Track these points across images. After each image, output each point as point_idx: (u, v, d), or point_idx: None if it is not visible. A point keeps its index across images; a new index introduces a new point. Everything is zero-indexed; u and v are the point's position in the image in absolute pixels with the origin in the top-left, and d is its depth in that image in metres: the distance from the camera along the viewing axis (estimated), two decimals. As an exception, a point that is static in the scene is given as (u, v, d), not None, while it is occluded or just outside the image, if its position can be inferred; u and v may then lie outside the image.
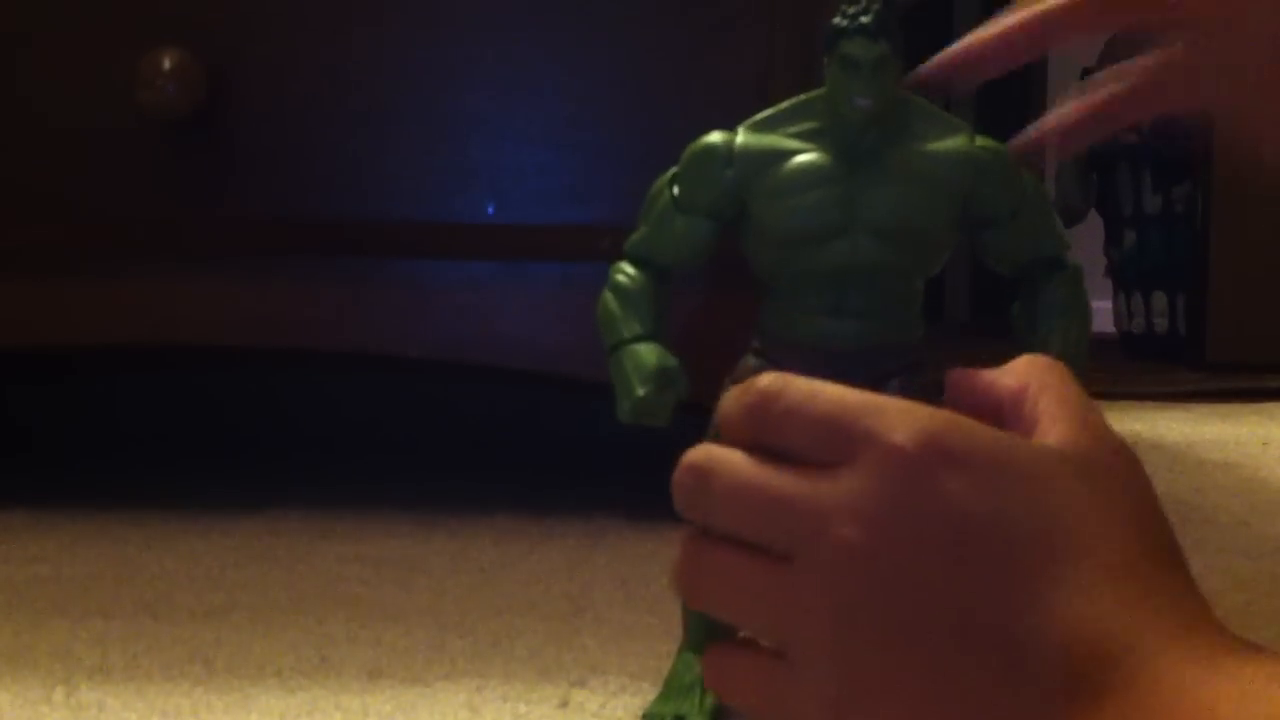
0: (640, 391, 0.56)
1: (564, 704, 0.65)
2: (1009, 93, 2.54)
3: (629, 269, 0.58)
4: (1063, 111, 0.60)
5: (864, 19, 0.52)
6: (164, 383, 1.49)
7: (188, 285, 1.03)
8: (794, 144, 0.55)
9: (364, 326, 1.03)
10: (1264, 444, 1.51)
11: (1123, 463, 0.46)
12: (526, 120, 1.01)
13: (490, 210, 1.01)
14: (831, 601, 0.45)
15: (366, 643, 0.75)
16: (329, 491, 1.16)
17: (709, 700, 0.61)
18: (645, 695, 0.65)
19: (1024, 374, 0.48)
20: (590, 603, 0.83)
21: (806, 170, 0.55)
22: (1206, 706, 0.40)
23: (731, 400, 0.48)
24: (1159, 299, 2.56)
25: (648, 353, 0.56)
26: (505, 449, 1.43)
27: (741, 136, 0.56)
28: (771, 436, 0.47)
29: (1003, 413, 0.48)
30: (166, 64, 0.98)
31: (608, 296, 0.58)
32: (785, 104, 0.56)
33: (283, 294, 1.03)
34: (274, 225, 1.02)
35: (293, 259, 1.03)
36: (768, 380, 0.47)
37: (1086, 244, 2.79)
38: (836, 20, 0.53)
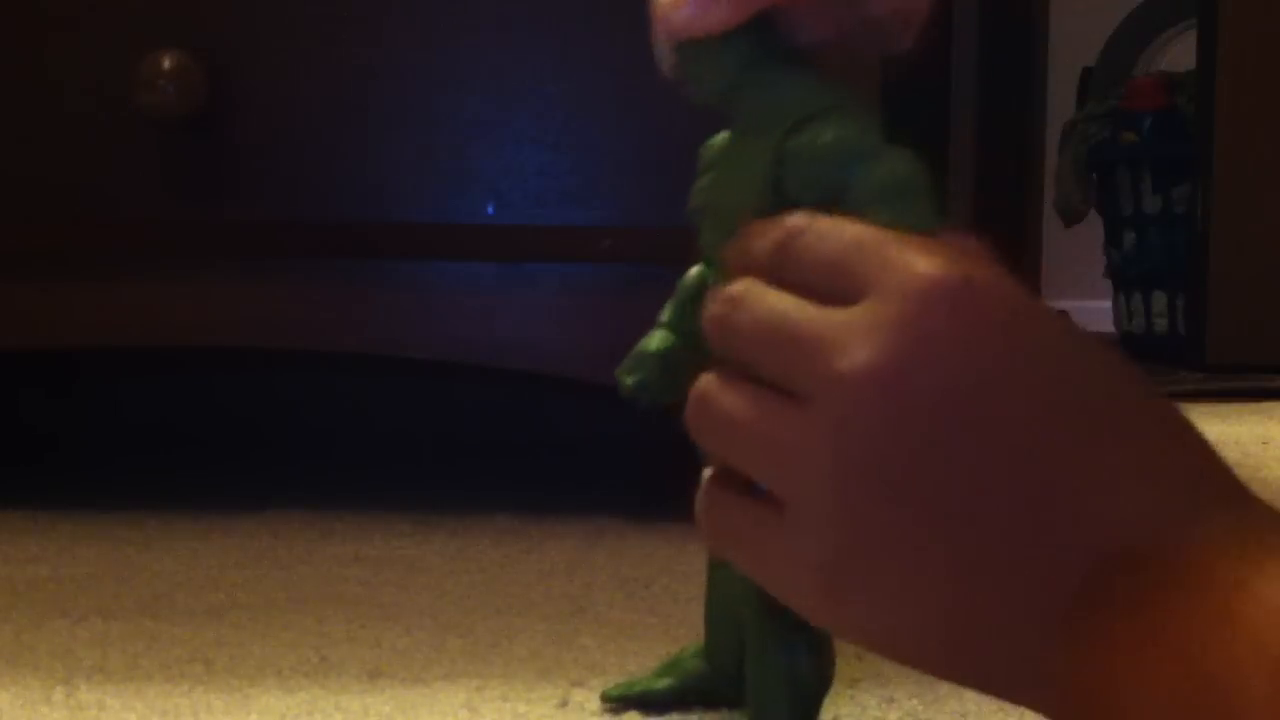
0: (628, 380, 0.56)
1: (563, 704, 0.65)
2: (1010, 93, 2.54)
3: (694, 266, 0.58)
4: None
5: None
6: (164, 383, 1.49)
7: (187, 287, 1.03)
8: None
9: (364, 328, 1.03)
10: (1264, 443, 1.51)
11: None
12: (527, 121, 1.01)
13: (490, 211, 1.01)
14: (835, 443, 0.41)
15: (366, 643, 0.75)
16: (329, 491, 1.16)
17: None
18: (645, 695, 0.65)
19: None
20: (590, 603, 0.83)
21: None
22: (1267, 606, 0.36)
23: (754, 237, 0.46)
24: (1159, 299, 2.57)
25: (651, 338, 0.57)
26: (505, 449, 1.43)
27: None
28: (793, 272, 0.44)
29: None
30: (166, 65, 0.98)
31: None
32: None
33: (282, 295, 1.03)
34: (274, 227, 1.02)
35: (293, 260, 1.03)
36: (793, 217, 0.45)
37: (1086, 244, 2.79)
38: None
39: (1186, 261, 2.40)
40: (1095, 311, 2.81)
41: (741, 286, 0.45)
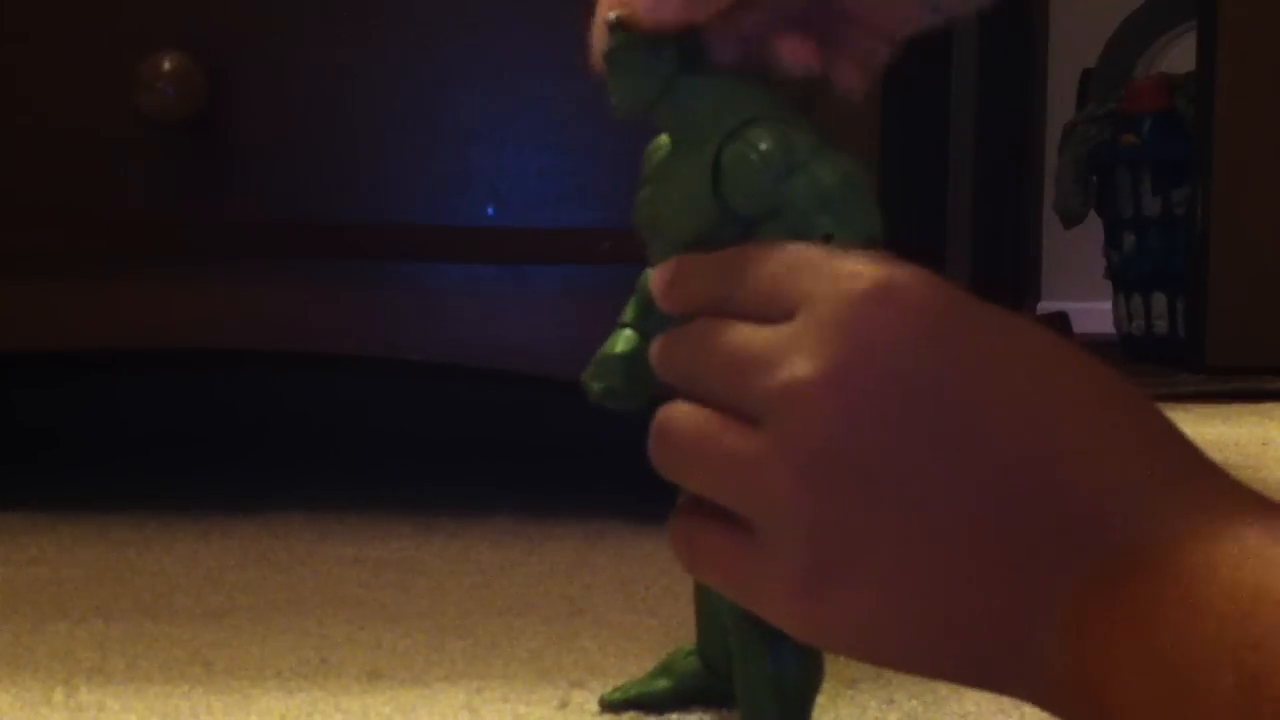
0: (595, 386, 0.56)
1: (563, 705, 0.65)
2: (1009, 92, 2.54)
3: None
4: None
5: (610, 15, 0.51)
6: (164, 384, 1.49)
7: (188, 289, 1.03)
8: None
9: (364, 329, 1.03)
10: (1264, 444, 1.51)
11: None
12: (527, 123, 1.01)
13: (490, 213, 1.01)
14: (792, 455, 0.42)
15: (366, 644, 0.75)
16: (329, 492, 1.16)
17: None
18: (645, 697, 0.65)
19: None
20: (590, 604, 0.83)
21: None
22: (1205, 566, 0.37)
23: (692, 275, 0.48)
24: (1159, 301, 2.57)
25: (615, 340, 0.56)
26: (505, 450, 1.43)
27: None
28: (736, 305, 0.45)
29: None
30: (167, 67, 0.98)
31: None
32: None
33: (283, 297, 1.03)
34: (274, 228, 1.02)
35: (293, 262, 1.03)
36: (728, 251, 0.47)
37: (1086, 245, 2.80)
38: None
39: (1186, 263, 2.40)
40: (1095, 313, 2.81)
41: (695, 324, 0.46)
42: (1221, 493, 0.40)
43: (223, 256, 1.03)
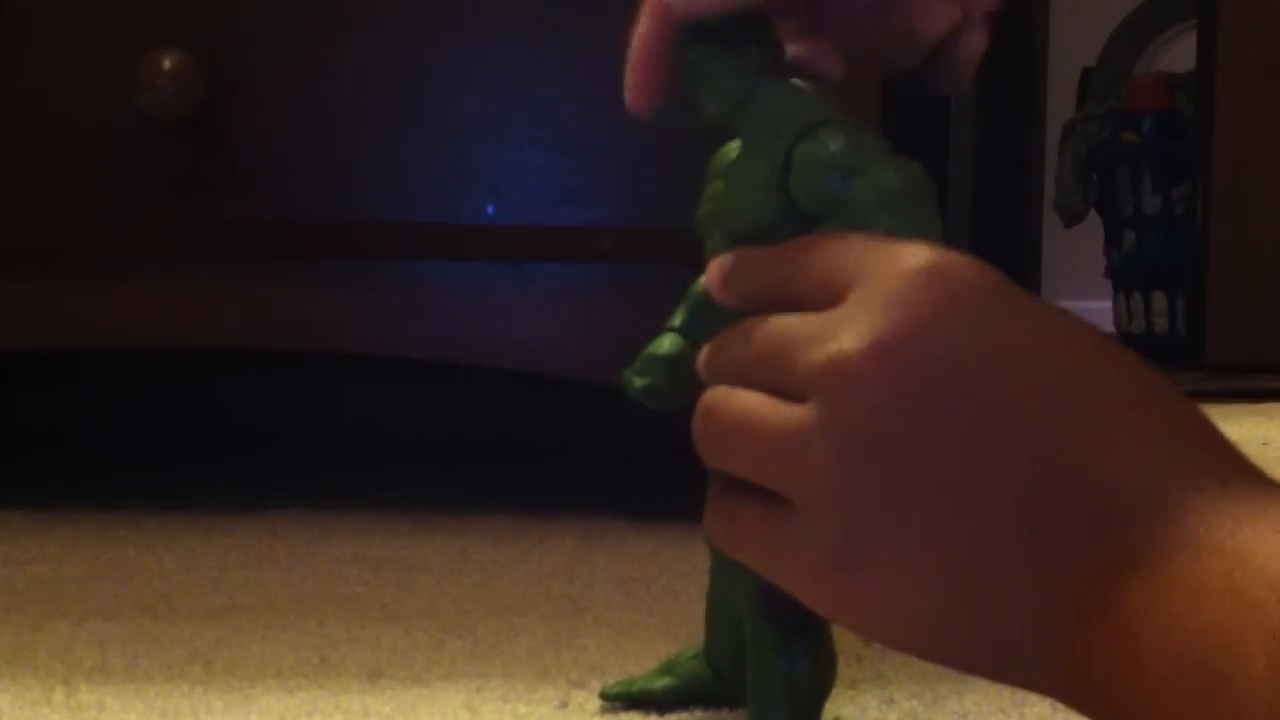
0: (637, 383, 0.57)
1: (564, 704, 0.65)
2: (1009, 91, 2.54)
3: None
4: None
5: None
6: (164, 383, 1.49)
7: (188, 287, 1.03)
8: None
9: (364, 328, 1.03)
10: (1264, 444, 1.51)
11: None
12: (526, 121, 1.01)
13: (490, 211, 1.01)
14: (833, 430, 0.42)
15: (366, 643, 0.75)
16: (329, 492, 1.16)
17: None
18: (645, 696, 0.65)
19: None
20: (590, 603, 0.83)
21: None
22: (1241, 556, 0.37)
23: (751, 265, 0.49)
24: (1159, 299, 2.57)
25: (661, 341, 0.57)
26: (505, 449, 1.43)
27: None
28: (791, 291, 0.46)
29: None
30: (167, 65, 0.98)
31: None
32: None
33: (283, 296, 1.03)
34: (274, 227, 1.02)
35: (293, 261, 1.03)
36: (787, 244, 0.48)
37: (1086, 244, 2.80)
38: None
39: (1186, 261, 2.40)
40: (1095, 312, 2.81)
41: (751, 319, 0.47)
42: (1255, 485, 0.40)
43: (223, 255, 1.03)
